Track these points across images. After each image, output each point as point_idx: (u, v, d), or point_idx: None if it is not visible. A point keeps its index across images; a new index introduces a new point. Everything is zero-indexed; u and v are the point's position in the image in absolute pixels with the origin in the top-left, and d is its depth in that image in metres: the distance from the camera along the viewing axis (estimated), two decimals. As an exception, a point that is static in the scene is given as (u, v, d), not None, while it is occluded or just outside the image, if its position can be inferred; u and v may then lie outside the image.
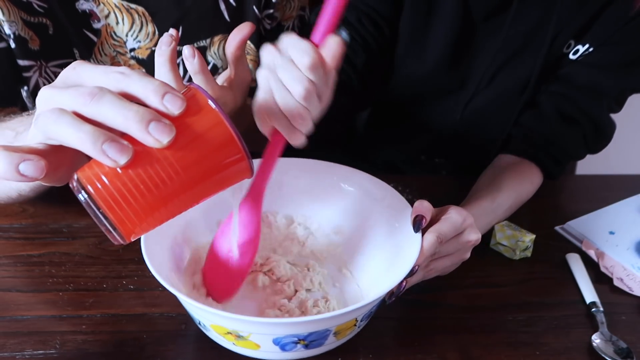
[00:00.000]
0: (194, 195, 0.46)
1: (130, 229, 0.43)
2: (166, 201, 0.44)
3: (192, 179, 0.44)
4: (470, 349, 0.63)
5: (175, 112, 0.42)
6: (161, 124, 0.41)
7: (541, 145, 0.87)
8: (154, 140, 0.41)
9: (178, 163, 0.43)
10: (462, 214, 0.64)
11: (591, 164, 1.25)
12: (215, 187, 0.47)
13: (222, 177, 0.46)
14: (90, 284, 0.68)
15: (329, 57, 0.52)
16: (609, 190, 0.93)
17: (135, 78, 0.42)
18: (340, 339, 0.58)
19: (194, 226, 0.68)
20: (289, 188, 0.73)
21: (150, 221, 0.44)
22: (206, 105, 0.44)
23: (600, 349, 0.63)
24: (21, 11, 0.76)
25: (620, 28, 0.83)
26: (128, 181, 0.42)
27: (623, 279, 0.74)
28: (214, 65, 0.88)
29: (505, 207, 0.80)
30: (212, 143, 0.44)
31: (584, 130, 0.87)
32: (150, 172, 0.42)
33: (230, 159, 0.45)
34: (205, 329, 0.58)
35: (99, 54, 0.83)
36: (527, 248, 0.76)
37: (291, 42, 0.52)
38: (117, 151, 0.40)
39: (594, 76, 0.86)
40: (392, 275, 0.59)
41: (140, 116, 0.40)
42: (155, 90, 0.42)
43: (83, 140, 0.40)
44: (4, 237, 0.75)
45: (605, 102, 0.87)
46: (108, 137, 0.40)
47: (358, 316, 0.57)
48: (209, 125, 0.44)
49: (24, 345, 0.59)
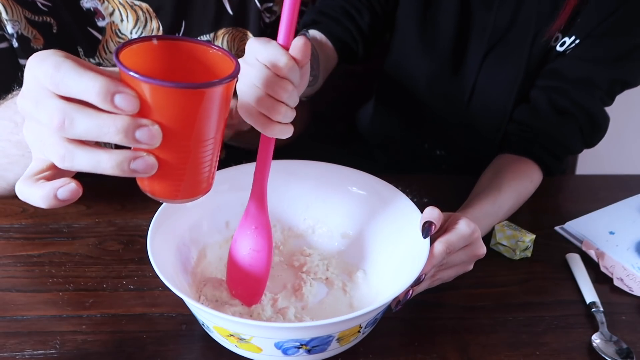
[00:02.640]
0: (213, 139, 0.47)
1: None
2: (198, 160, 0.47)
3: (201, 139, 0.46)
4: (470, 349, 0.63)
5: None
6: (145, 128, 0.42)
7: (538, 140, 0.88)
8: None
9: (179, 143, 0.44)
10: (471, 227, 0.65)
11: (591, 164, 1.26)
12: (222, 116, 0.47)
13: (219, 111, 0.46)
14: (90, 284, 0.68)
15: (300, 56, 0.52)
16: (609, 190, 0.93)
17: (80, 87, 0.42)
18: (343, 345, 0.58)
19: (200, 227, 0.68)
20: (296, 191, 0.73)
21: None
22: (141, 83, 0.42)
23: (600, 349, 0.63)
24: (25, 10, 0.76)
25: (603, 20, 0.84)
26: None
27: (623, 279, 0.74)
28: None
29: (507, 207, 0.80)
30: (180, 108, 0.43)
31: (579, 122, 0.88)
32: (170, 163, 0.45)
33: (201, 102, 0.44)
34: (209, 330, 0.58)
35: (104, 52, 0.83)
36: (527, 248, 0.76)
37: (262, 49, 0.52)
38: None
39: (584, 69, 0.87)
40: (399, 283, 0.58)
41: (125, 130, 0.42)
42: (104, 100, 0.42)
43: (112, 164, 0.43)
44: (4, 237, 0.75)
45: (597, 94, 0.88)
46: (131, 155, 0.43)
47: (362, 323, 0.56)
48: (162, 99, 0.43)
49: (24, 345, 0.59)
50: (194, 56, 0.48)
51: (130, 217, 0.79)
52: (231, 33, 0.89)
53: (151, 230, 0.60)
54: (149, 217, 0.61)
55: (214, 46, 0.48)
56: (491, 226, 0.77)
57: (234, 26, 0.88)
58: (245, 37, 0.90)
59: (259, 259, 0.62)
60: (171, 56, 0.48)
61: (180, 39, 0.48)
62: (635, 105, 1.08)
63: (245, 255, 0.62)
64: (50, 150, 0.43)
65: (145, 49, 0.46)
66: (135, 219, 0.79)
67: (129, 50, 0.45)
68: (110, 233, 0.76)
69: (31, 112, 0.43)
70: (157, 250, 0.59)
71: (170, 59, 0.48)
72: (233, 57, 0.47)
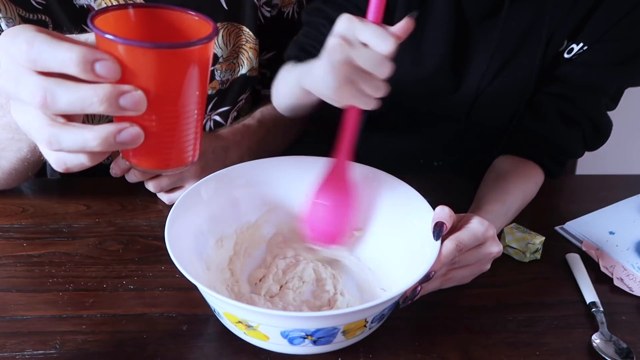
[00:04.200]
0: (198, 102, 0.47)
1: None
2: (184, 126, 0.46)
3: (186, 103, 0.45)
4: (470, 349, 0.63)
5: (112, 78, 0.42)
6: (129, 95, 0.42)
7: (543, 147, 0.87)
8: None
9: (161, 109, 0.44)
10: (484, 225, 0.63)
11: (591, 164, 1.26)
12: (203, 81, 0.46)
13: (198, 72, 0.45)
14: (90, 284, 0.68)
15: (402, 33, 0.54)
16: (609, 190, 0.93)
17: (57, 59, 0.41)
18: (349, 338, 0.58)
19: (219, 217, 0.69)
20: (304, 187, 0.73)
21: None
22: (118, 46, 0.42)
23: (600, 349, 0.63)
24: (19, 8, 0.75)
25: (613, 25, 0.83)
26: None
27: (623, 279, 0.74)
28: (214, 54, 0.88)
29: (514, 209, 0.80)
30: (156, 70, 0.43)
31: (583, 130, 0.88)
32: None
33: (180, 63, 0.44)
34: (220, 317, 0.59)
35: None
36: (537, 250, 0.76)
37: (368, 29, 0.53)
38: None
39: (591, 75, 0.86)
40: (407, 279, 0.58)
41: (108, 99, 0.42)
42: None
43: (98, 141, 0.42)
44: (4, 237, 0.75)
45: (604, 100, 0.88)
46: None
47: (368, 317, 0.56)
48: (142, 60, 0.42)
49: (24, 345, 0.59)
50: (172, 23, 0.48)
51: (130, 217, 0.79)
52: (226, 28, 0.88)
53: (170, 217, 0.61)
54: (149, 217, 0.61)
55: (191, 11, 0.48)
56: (500, 228, 0.77)
57: (229, 21, 0.88)
58: (241, 32, 0.89)
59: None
60: (149, 25, 0.47)
61: (157, 6, 0.48)
62: (635, 105, 1.08)
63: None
64: (36, 136, 0.43)
65: (120, 17, 0.46)
66: (135, 219, 0.79)
67: (103, 18, 0.44)
68: (110, 233, 0.76)
69: (13, 92, 0.43)
70: (174, 240, 0.59)
71: (148, 28, 0.47)
72: (210, 20, 0.47)
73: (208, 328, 0.62)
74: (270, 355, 0.59)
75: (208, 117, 0.94)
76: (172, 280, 0.69)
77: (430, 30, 0.89)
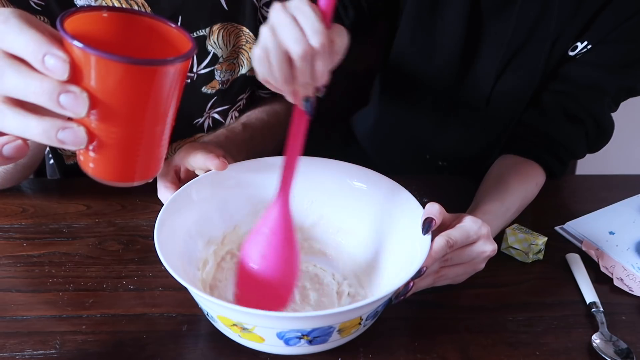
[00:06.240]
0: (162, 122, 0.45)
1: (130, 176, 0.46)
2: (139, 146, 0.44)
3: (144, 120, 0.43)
4: (470, 349, 0.63)
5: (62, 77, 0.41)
6: (71, 94, 0.41)
7: (546, 144, 0.87)
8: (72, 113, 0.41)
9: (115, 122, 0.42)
10: (477, 223, 0.64)
11: (591, 164, 1.25)
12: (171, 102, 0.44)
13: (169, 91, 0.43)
14: (90, 284, 0.68)
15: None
16: (609, 190, 0.93)
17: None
18: (344, 336, 0.58)
19: (208, 219, 0.69)
20: (299, 186, 0.73)
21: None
22: (75, 49, 0.40)
23: (600, 349, 0.63)
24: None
25: (619, 26, 0.84)
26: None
27: (623, 279, 0.74)
28: (214, 54, 0.88)
29: (514, 209, 0.80)
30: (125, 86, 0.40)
31: (586, 129, 0.88)
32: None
33: (148, 80, 0.41)
34: (213, 320, 0.59)
35: None
36: (540, 251, 0.76)
37: (298, 6, 0.50)
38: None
39: (595, 75, 0.86)
40: (400, 276, 0.59)
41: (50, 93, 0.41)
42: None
43: (39, 131, 0.42)
44: (4, 237, 0.75)
45: (606, 100, 0.88)
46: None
47: (362, 315, 0.56)
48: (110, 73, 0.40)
49: (24, 345, 0.59)
50: (154, 33, 0.46)
51: (130, 217, 0.79)
52: (226, 28, 0.88)
53: (158, 222, 0.61)
54: (149, 217, 0.62)
55: (170, 23, 0.46)
56: (500, 228, 0.77)
57: (228, 21, 0.88)
58: (241, 33, 0.89)
59: (288, 257, 0.61)
60: (129, 30, 0.45)
61: (136, 12, 0.46)
62: (635, 105, 1.08)
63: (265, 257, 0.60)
64: None
65: (96, 19, 0.44)
66: (135, 219, 0.79)
67: (77, 19, 0.43)
68: (110, 233, 0.76)
69: None
70: (164, 241, 0.59)
71: (127, 34, 0.45)
72: (190, 37, 0.45)
73: (208, 328, 0.62)
74: (270, 356, 0.60)
75: (207, 115, 0.94)
76: (172, 281, 0.68)
77: (444, 20, 0.90)
